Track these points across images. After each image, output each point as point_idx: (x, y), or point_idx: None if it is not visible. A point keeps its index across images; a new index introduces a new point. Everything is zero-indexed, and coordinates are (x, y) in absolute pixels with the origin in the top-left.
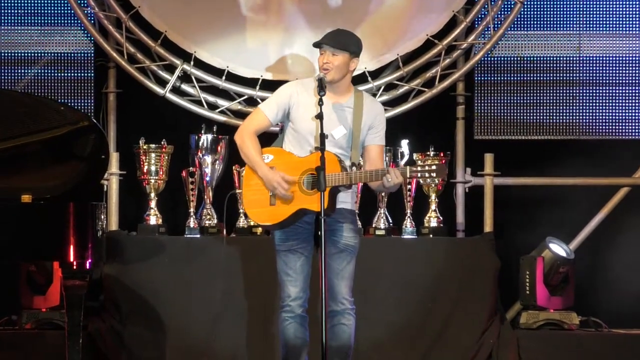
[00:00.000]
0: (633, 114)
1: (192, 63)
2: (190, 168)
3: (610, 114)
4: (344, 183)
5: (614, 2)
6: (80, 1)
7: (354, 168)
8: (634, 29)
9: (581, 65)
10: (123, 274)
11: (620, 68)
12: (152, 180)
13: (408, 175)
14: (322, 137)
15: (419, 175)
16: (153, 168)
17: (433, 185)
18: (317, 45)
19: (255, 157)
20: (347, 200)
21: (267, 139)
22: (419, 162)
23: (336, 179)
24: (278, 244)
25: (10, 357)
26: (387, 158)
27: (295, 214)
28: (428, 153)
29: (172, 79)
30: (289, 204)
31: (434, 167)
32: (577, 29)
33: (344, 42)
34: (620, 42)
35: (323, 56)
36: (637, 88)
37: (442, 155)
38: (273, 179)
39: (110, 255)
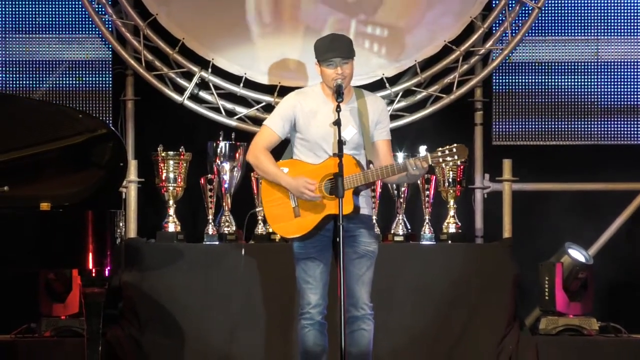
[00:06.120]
0: None
1: (209, 70)
2: (209, 175)
3: (629, 119)
4: (364, 182)
5: (632, 7)
6: (98, 9)
7: (371, 166)
8: None
9: (599, 70)
10: (141, 281)
11: (639, 72)
12: (171, 188)
13: (430, 161)
14: (340, 143)
15: (440, 159)
16: (171, 175)
17: (452, 191)
18: (324, 59)
19: (275, 169)
20: (364, 206)
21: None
22: (438, 149)
23: (356, 180)
24: (297, 252)
25: None
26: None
27: (322, 221)
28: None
29: (190, 86)
30: (315, 212)
31: (454, 150)
32: (595, 34)
33: (349, 49)
34: (639, 46)
35: (334, 69)
36: None
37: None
38: (299, 185)
39: (129, 263)
